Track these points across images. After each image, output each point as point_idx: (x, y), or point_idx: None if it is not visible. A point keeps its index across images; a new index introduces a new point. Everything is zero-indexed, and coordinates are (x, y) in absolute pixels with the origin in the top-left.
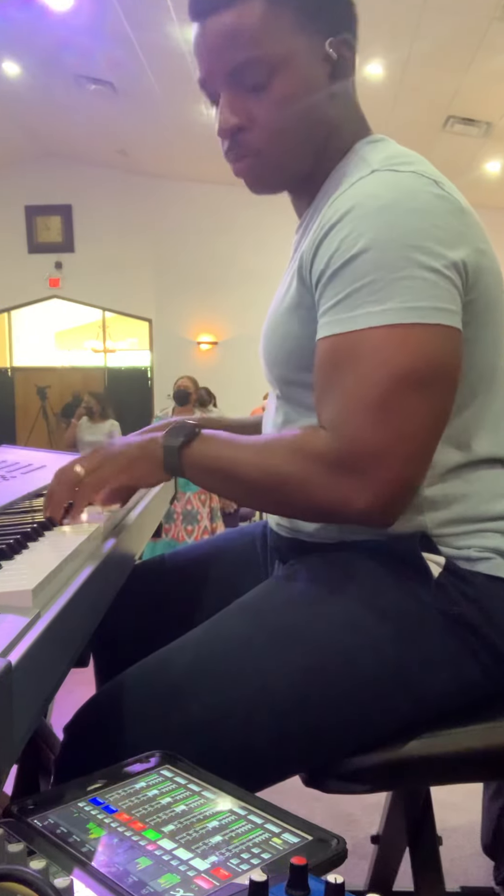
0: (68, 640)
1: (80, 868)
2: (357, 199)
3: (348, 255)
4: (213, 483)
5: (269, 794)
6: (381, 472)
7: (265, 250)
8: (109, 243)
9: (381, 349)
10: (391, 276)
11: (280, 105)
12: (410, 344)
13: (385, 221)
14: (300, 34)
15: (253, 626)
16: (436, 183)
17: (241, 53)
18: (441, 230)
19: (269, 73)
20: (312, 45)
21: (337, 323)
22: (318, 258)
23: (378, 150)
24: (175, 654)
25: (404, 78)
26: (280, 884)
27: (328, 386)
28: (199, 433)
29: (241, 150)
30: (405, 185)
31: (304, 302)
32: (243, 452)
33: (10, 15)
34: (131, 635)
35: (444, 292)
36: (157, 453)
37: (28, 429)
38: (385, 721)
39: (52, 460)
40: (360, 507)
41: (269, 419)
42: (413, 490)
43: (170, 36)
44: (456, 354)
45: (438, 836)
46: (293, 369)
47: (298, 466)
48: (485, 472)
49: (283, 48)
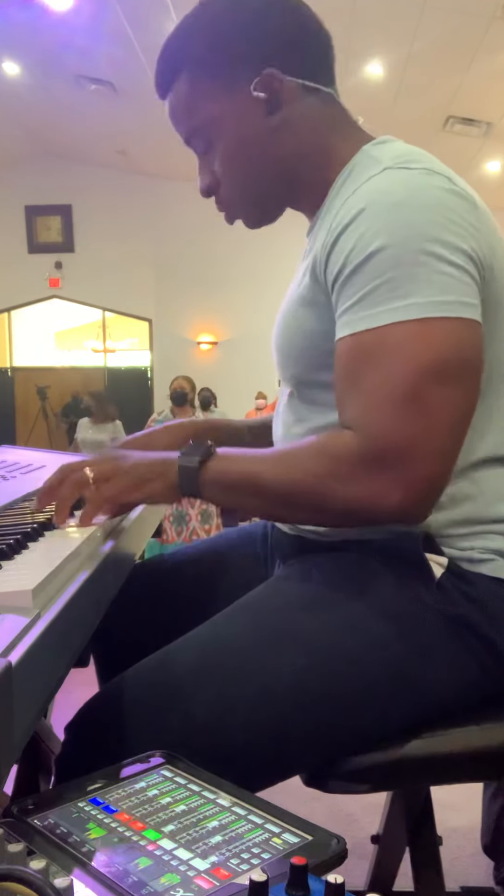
0: (68, 640)
1: (80, 868)
2: (371, 197)
3: (366, 254)
4: (236, 500)
5: (269, 794)
6: (412, 467)
7: (265, 250)
8: (109, 243)
9: (405, 344)
10: (411, 272)
11: (228, 159)
12: (435, 338)
13: (400, 218)
14: (222, 92)
15: (254, 626)
16: (448, 179)
17: (183, 126)
18: (456, 224)
19: (209, 136)
20: (236, 95)
21: (359, 321)
22: (334, 257)
23: (387, 149)
24: (175, 654)
25: (404, 78)
26: (280, 884)
27: (351, 384)
28: (214, 452)
29: (221, 204)
30: (418, 181)
31: (318, 300)
32: (264, 465)
33: (10, 15)
34: (131, 635)
35: (464, 286)
36: (171, 475)
37: (28, 429)
38: (385, 721)
39: (52, 460)
40: (392, 505)
41: (279, 418)
42: (444, 484)
43: None
44: (479, 347)
45: (438, 836)
46: (306, 367)
47: (325, 470)
48: (490, 473)
49: (211, 110)
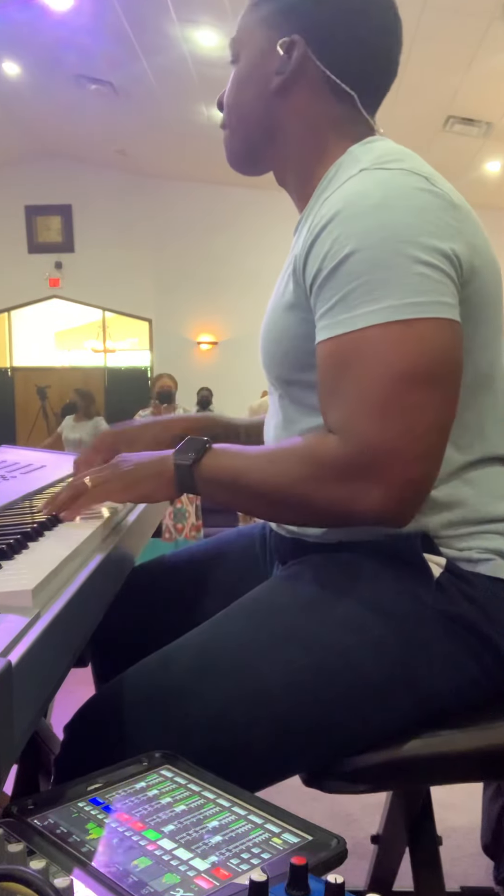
0: (68, 640)
1: (80, 868)
2: (347, 199)
3: (340, 256)
4: (227, 497)
5: (269, 794)
6: (393, 471)
7: (265, 250)
8: (109, 243)
9: (381, 348)
10: (386, 274)
11: (233, 83)
12: (411, 340)
13: (375, 220)
14: (266, 30)
15: (253, 626)
16: (426, 179)
17: (234, 34)
18: (432, 224)
19: (238, 51)
20: (268, 36)
21: (336, 325)
22: (311, 260)
23: (370, 149)
24: (175, 654)
25: (404, 78)
26: (280, 884)
27: (333, 389)
28: (209, 448)
29: (222, 121)
30: (394, 182)
31: (300, 302)
32: (253, 463)
33: (10, 15)
34: (131, 635)
35: (439, 285)
36: (168, 472)
37: (28, 429)
38: (385, 721)
39: (51, 460)
40: (374, 508)
41: (270, 420)
42: (428, 487)
43: (170, 36)
44: (458, 346)
45: (438, 836)
46: (290, 369)
47: (309, 473)
48: (487, 473)
49: (248, 37)
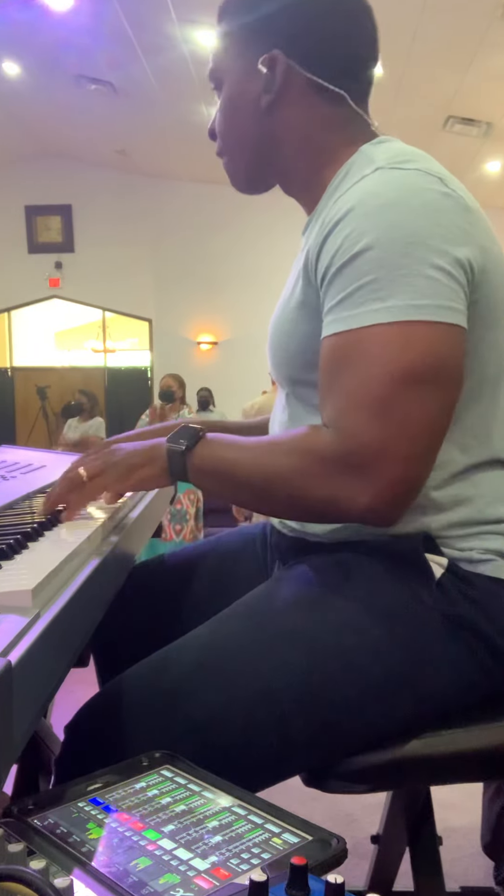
0: (68, 640)
1: (80, 868)
2: (360, 197)
3: (351, 253)
4: (217, 487)
5: (269, 794)
6: (383, 470)
7: (265, 250)
8: (109, 243)
9: (383, 347)
10: (394, 274)
11: (221, 111)
12: (413, 341)
13: (388, 219)
14: (243, 52)
15: (253, 626)
16: (440, 180)
17: (212, 57)
18: (445, 228)
19: (219, 78)
20: (248, 58)
21: (340, 321)
22: (322, 256)
23: (384, 149)
24: (175, 654)
25: (404, 78)
26: (280, 884)
27: (331, 384)
28: (202, 436)
29: (217, 150)
30: (409, 182)
31: (310, 300)
32: (245, 454)
33: (10, 15)
34: (131, 635)
35: (447, 290)
36: (160, 459)
37: (28, 429)
38: (385, 721)
39: (52, 460)
40: (360, 506)
41: (276, 417)
42: (417, 489)
43: (170, 36)
44: (458, 352)
45: (438, 836)
46: (299, 368)
47: (299, 465)
48: (490, 475)
49: (227, 63)
